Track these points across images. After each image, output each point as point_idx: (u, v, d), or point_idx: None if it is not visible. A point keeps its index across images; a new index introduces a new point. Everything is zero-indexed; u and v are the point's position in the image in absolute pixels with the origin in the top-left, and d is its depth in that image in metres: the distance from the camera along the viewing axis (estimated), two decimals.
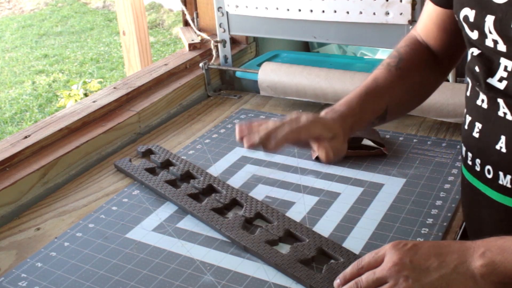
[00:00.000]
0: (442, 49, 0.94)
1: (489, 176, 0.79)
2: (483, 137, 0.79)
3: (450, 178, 1.05)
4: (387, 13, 1.26)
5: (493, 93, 0.76)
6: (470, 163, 0.83)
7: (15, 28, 5.91)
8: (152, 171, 1.12)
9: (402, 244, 0.73)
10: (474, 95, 0.81)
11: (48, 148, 1.15)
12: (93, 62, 5.03)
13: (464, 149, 0.85)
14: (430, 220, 0.93)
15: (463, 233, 0.92)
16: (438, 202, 0.98)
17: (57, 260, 0.90)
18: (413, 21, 1.23)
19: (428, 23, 0.94)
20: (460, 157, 1.08)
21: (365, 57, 1.90)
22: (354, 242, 0.90)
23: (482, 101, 0.79)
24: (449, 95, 1.22)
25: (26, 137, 1.15)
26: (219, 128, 1.30)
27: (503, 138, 0.76)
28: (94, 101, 1.30)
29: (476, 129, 0.80)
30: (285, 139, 0.80)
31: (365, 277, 0.73)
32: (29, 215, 1.03)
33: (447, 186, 1.03)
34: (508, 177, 0.76)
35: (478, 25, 0.75)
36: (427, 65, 0.94)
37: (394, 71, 0.91)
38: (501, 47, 0.73)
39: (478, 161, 0.81)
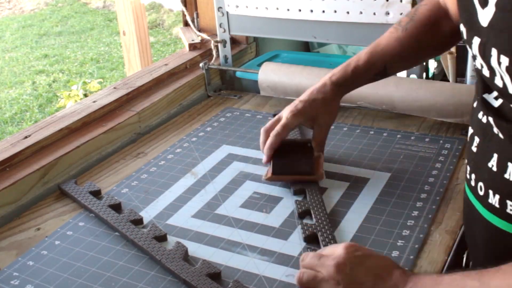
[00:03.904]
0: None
1: (481, 193, 0.77)
2: (479, 153, 0.77)
3: (434, 172, 1.06)
4: (387, 13, 1.26)
5: (485, 109, 0.74)
6: (468, 176, 0.81)
7: (15, 28, 5.92)
8: (97, 193, 1.05)
9: (354, 249, 0.75)
10: (478, 108, 0.78)
11: (48, 148, 1.15)
12: (93, 62, 5.03)
13: (466, 161, 0.84)
14: (415, 213, 0.95)
15: (462, 237, 0.92)
16: (423, 195, 1.00)
17: (49, 259, 0.90)
18: None
19: None
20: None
21: None
22: (341, 235, 0.91)
23: (483, 115, 0.76)
24: (449, 95, 1.22)
25: (26, 137, 1.15)
26: (205, 126, 1.31)
27: (495, 156, 0.73)
28: (94, 101, 1.30)
29: (475, 143, 0.78)
30: (271, 148, 1.05)
31: (310, 257, 0.77)
32: (29, 215, 1.03)
33: (431, 179, 1.04)
34: (497, 196, 0.74)
35: (469, 44, 0.72)
36: (435, 27, 0.99)
37: (400, 32, 1.02)
38: (485, 71, 0.69)
39: (473, 176, 0.79)
